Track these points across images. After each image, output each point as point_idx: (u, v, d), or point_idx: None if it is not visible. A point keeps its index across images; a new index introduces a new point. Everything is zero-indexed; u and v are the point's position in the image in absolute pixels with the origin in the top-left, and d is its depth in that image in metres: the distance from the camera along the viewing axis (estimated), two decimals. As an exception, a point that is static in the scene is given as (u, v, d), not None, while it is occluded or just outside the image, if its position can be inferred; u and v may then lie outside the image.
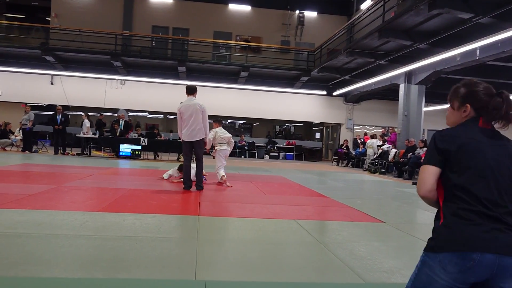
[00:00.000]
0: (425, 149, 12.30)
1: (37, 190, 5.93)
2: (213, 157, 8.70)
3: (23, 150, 14.76)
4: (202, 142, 7.01)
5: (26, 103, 17.14)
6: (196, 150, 7.02)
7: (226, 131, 8.61)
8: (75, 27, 19.14)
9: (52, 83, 19.57)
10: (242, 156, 20.61)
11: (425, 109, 15.44)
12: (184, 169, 7.10)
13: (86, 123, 15.07)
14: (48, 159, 12.48)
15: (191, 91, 7.13)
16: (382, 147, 15.65)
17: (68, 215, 4.46)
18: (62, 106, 15.54)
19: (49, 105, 20.15)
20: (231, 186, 7.77)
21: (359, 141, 18.39)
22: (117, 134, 15.38)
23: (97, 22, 20.43)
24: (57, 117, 14.59)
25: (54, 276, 2.59)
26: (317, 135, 25.01)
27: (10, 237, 3.42)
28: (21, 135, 15.25)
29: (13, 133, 16.02)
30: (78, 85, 19.56)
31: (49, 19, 21.59)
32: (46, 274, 2.62)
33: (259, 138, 22.62)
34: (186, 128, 6.86)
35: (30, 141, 14.98)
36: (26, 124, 14.65)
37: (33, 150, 14.98)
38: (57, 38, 19.03)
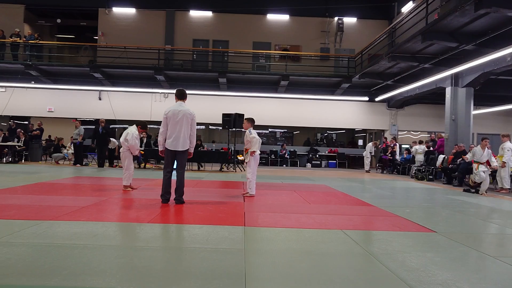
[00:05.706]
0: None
1: (90, 202, 6.19)
2: (245, 162, 7.84)
3: (74, 164, 15.47)
4: (187, 152, 6.45)
5: (76, 118, 17.99)
6: (179, 159, 6.45)
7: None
8: (121, 44, 20.04)
9: (100, 99, 20.49)
10: (284, 165, 20.57)
11: (474, 112, 14.79)
12: (164, 180, 6.50)
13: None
14: (97, 171, 12.99)
15: (181, 96, 6.49)
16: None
17: (119, 226, 4.63)
18: (110, 120, 16.12)
19: (98, 119, 21.04)
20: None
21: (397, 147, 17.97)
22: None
23: (140, 38, 21.30)
24: (99, 129, 14.91)
25: (111, 286, 2.68)
26: (360, 142, 24.54)
27: (68, 248, 3.58)
28: (73, 149, 15.98)
29: (65, 148, 16.82)
30: (124, 100, 20.37)
31: (96, 38, 22.68)
32: (103, 284, 2.71)
33: (300, 147, 22.51)
34: (170, 135, 6.31)
35: (81, 155, 15.67)
36: (77, 139, 15.35)
37: (83, 163, 15.66)
38: (104, 56, 20.08)
